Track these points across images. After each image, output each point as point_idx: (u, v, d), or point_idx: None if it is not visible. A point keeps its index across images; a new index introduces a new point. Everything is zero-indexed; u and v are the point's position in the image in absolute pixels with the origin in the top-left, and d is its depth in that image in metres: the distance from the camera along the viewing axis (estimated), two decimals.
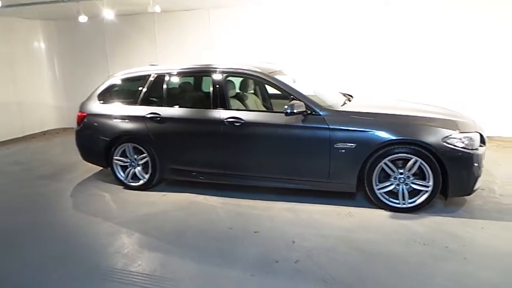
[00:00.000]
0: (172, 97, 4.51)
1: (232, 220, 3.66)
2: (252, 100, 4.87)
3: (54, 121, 8.83)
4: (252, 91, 5.08)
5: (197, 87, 5.01)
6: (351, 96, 4.52)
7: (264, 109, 4.87)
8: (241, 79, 4.80)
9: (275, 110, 4.52)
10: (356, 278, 2.64)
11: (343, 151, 3.63)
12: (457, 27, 6.08)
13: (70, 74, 8.68)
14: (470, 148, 3.40)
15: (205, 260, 2.97)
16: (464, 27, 6.04)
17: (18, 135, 7.95)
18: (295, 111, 3.65)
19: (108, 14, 6.19)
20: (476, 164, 3.41)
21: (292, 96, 3.85)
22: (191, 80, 5.04)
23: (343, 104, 4.08)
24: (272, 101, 5.41)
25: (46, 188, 4.80)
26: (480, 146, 3.53)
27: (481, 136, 3.59)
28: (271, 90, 5.39)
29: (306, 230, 3.38)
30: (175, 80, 4.61)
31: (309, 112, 3.73)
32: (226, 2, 6.96)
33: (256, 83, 5.16)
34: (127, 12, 7.65)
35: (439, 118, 3.62)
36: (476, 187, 3.48)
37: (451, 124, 3.52)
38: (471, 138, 3.44)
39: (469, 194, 3.51)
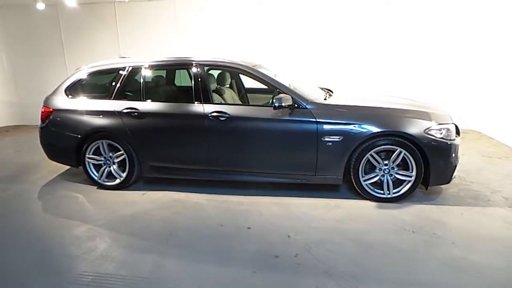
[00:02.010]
0: (150, 91, 4.29)
1: (222, 217, 3.57)
2: (229, 94, 4.78)
3: (2, 118, 8.08)
4: (228, 85, 4.99)
5: (176, 81, 4.82)
6: (330, 90, 4.58)
7: (245, 103, 4.80)
8: (218, 72, 4.69)
9: (255, 104, 4.45)
10: (357, 268, 2.69)
11: (330, 144, 3.67)
12: (435, 23, 6.41)
13: (21, 68, 7.97)
14: (448, 138, 3.59)
15: (203, 259, 2.86)
16: (444, 24, 6.38)
17: None
18: (283, 104, 3.63)
19: (69, 1, 5.73)
20: (453, 154, 3.61)
21: (278, 90, 3.83)
22: (170, 73, 4.84)
23: (325, 99, 4.12)
24: (248, 95, 5.36)
25: (6, 192, 4.36)
26: (456, 137, 3.74)
27: (456, 127, 3.80)
28: (247, 84, 5.37)
29: (298, 224, 3.38)
30: (153, 73, 4.40)
31: (296, 105, 3.73)
32: None
33: (232, 77, 5.08)
34: (84, 1, 7.16)
35: (420, 111, 3.78)
36: (453, 175, 3.68)
37: (430, 116, 3.68)
38: (448, 129, 3.63)
39: (448, 183, 3.71)
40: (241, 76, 5.25)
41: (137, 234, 3.27)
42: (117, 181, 4.25)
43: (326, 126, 3.67)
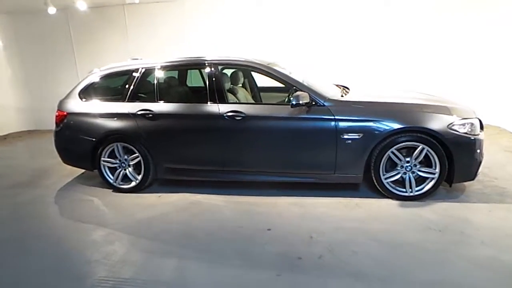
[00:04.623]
0: (164, 92, 4.24)
1: (240, 218, 3.50)
2: (243, 93, 4.71)
3: (16, 123, 8.13)
4: (241, 84, 4.92)
5: (190, 81, 4.77)
6: (346, 87, 4.48)
7: (260, 102, 4.72)
8: (232, 71, 4.63)
9: (271, 102, 4.37)
10: (383, 270, 2.60)
11: (350, 141, 3.58)
12: (452, 17, 6.27)
13: (33, 72, 8.01)
14: (472, 133, 3.48)
15: (225, 262, 2.80)
16: (462, 17, 6.23)
17: None
18: (300, 102, 3.55)
19: (80, 4, 5.72)
20: (478, 150, 3.49)
21: (294, 88, 3.74)
22: (183, 73, 4.79)
23: (342, 96, 4.02)
24: (261, 94, 5.28)
25: (23, 196, 4.35)
26: (480, 131, 3.62)
27: (480, 122, 3.68)
28: (259, 82, 5.29)
29: (319, 224, 3.29)
30: (166, 74, 4.35)
31: (314, 103, 3.64)
32: None
33: (245, 76, 5.01)
34: (94, 4, 7.16)
35: (441, 105, 3.66)
36: (478, 172, 3.56)
37: (453, 111, 3.57)
38: (472, 124, 3.51)
39: (473, 179, 3.59)
40: (254, 74, 5.19)
41: (156, 237, 3.22)
42: (133, 183, 4.21)
43: (345, 124, 3.57)
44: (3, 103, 7.88)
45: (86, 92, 4.34)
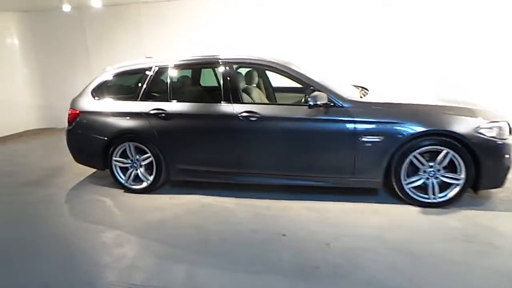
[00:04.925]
0: (177, 91, 4.16)
1: (253, 222, 3.37)
2: (257, 93, 4.58)
3: (31, 121, 8.16)
4: (255, 84, 4.79)
5: (204, 80, 4.67)
6: (365, 88, 4.31)
7: (276, 102, 4.59)
8: (247, 70, 4.52)
9: (287, 103, 4.24)
10: (405, 282, 2.44)
11: (369, 144, 3.42)
12: (467, 20, 6.03)
13: (49, 70, 8.04)
14: (500, 137, 3.28)
15: (237, 268, 2.68)
16: (481, 18, 5.98)
17: None
18: (318, 103, 3.41)
19: (95, 2, 5.69)
20: (507, 155, 3.29)
21: (311, 88, 3.60)
22: (197, 72, 4.70)
23: (361, 96, 3.86)
24: (276, 94, 5.15)
25: (34, 195, 4.31)
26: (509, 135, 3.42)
27: (509, 125, 3.47)
28: (274, 82, 5.17)
29: (335, 231, 3.15)
30: (180, 72, 4.26)
31: (332, 104, 3.50)
32: None
33: (259, 75, 4.88)
34: (109, 3, 7.14)
35: (466, 107, 3.47)
36: (506, 178, 3.36)
37: (479, 113, 3.38)
38: (500, 128, 3.31)
39: (500, 186, 3.39)
40: (268, 74, 5.06)
41: (166, 241, 3.12)
42: (144, 184, 4.12)
43: (364, 126, 3.42)
44: (19, 101, 7.93)
45: (99, 91, 4.27)
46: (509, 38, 5.85)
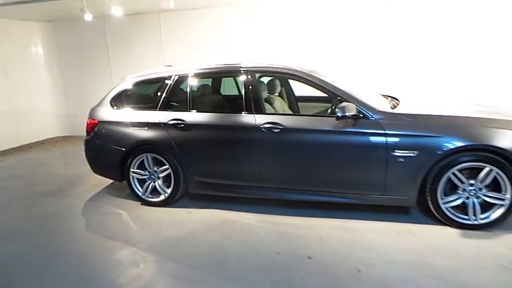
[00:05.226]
0: (197, 101, 4.00)
1: (277, 242, 3.15)
2: (279, 103, 4.38)
3: (52, 129, 8.21)
4: (277, 94, 4.59)
5: (225, 89, 4.51)
6: (395, 98, 4.04)
7: (300, 113, 4.37)
8: (269, 79, 4.33)
9: (313, 113, 4.00)
10: None
11: (402, 160, 3.15)
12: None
13: (71, 79, 8.10)
14: None
15: None
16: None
17: (13, 145, 7.31)
18: (347, 114, 3.18)
19: (116, 11, 5.66)
20: None
21: (339, 98, 3.37)
22: (218, 81, 4.54)
23: (392, 107, 3.60)
24: (299, 104, 4.93)
25: (52, 206, 4.22)
26: None
27: None
28: (298, 92, 4.96)
29: (367, 255, 2.88)
30: (200, 81, 4.11)
31: (361, 115, 3.26)
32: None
33: (282, 84, 4.68)
34: (130, 12, 7.13)
35: (510, 120, 3.16)
36: None
37: None
38: None
39: None
40: (291, 83, 4.86)
41: (184, 260, 2.93)
42: (162, 197, 3.97)
43: (397, 139, 3.16)
44: (42, 109, 8.00)
45: (118, 100, 4.17)
46: None
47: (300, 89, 4.62)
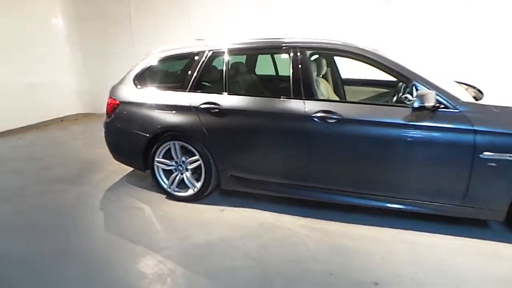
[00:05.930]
0: (235, 82, 3.42)
1: (329, 259, 2.59)
2: (324, 87, 3.73)
3: (72, 106, 7.81)
4: (321, 76, 3.93)
5: (269, 69, 3.87)
6: (473, 87, 3.33)
7: (363, 101, 3.72)
8: (314, 58, 3.68)
9: (381, 102, 3.34)
10: None
11: (494, 164, 2.50)
12: None
13: (91, 53, 7.61)
14: None
15: None
16: None
17: (31, 122, 6.92)
18: (426, 104, 2.53)
19: None
20: None
21: (413, 84, 2.71)
22: (260, 59, 3.92)
23: (476, 98, 2.91)
24: (346, 87, 4.27)
25: (67, 194, 3.78)
26: None
27: None
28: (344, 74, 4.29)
29: (448, 281, 2.30)
30: (239, 59, 3.50)
31: (442, 106, 2.60)
32: None
33: (328, 65, 4.01)
34: None
35: None
36: None
37: None
38: None
39: None
40: (337, 63, 4.19)
41: (218, 277, 2.42)
42: (190, 191, 3.46)
43: (489, 138, 2.50)
44: (62, 84, 7.58)
45: (142, 78, 3.62)
46: None
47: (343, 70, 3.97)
